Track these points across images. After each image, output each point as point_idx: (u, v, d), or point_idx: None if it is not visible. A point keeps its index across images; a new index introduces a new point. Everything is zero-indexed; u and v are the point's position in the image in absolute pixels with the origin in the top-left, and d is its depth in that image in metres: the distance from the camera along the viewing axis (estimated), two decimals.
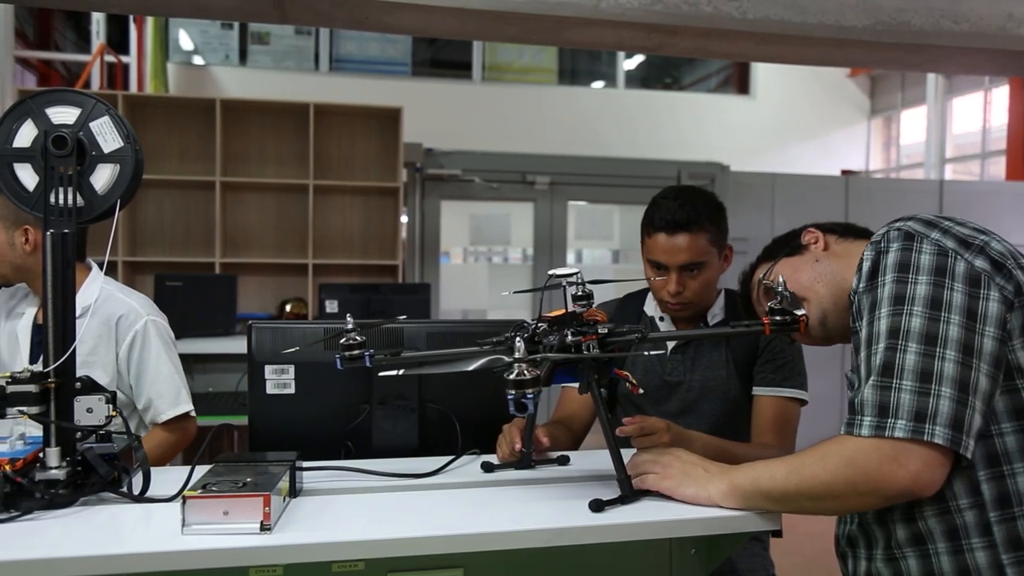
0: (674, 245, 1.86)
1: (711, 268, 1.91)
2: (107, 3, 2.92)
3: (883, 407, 1.14)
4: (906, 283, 1.19)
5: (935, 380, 1.12)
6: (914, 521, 1.23)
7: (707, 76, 9.78)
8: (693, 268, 1.88)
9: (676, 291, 1.88)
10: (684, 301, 1.90)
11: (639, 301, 2.09)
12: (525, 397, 1.17)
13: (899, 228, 1.25)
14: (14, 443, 1.31)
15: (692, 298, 1.90)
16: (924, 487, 1.14)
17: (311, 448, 1.51)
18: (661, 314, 2.02)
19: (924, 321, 1.15)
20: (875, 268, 1.24)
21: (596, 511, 1.30)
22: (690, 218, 1.85)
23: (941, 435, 1.11)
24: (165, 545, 1.14)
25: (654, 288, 1.95)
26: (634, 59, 9.28)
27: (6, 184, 1.36)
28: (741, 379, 1.93)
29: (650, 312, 2.05)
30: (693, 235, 1.86)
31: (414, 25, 2.90)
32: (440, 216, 6.74)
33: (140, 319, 2.07)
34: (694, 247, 1.86)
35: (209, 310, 4.35)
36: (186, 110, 5.51)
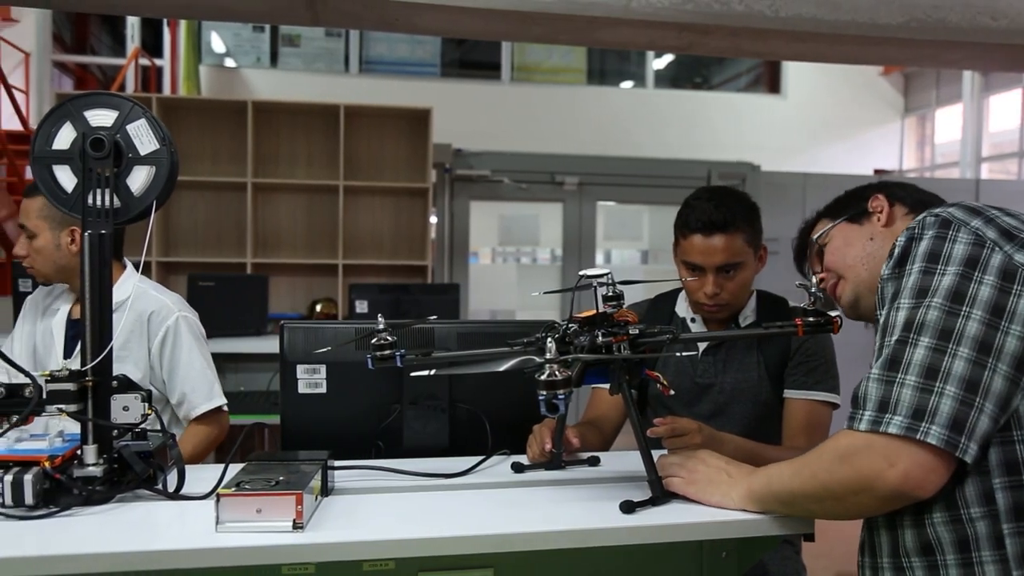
0: (711, 246, 1.85)
1: (747, 269, 1.89)
2: (142, 7, 2.95)
3: (883, 402, 1.09)
4: (933, 274, 1.13)
5: (941, 377, 1.07)
6: (923, 528, 1.15)
7: (737, 75, 9.71)
8: (730, 269, 1.87)
9: (713, 292, 1.87)
10: (721, 303, 1.89)
11: (670, 302, 2.08)
12: (556, 398, 1.17)
13: (937, 214, 1.19)
14: (53, 440, 1.34)
15: (729, 299, 1.89)
16: (915, 488, 1.08)
17: (342, 447, 1.52)
18: (692, 315, 2.01)
19: (941, 314, 1.10)
20: (905, 255, 1.18)
21: (627, 512, 1.30)
22: (727, 219, 1.84)
23: (936, 435, 1.04)
24: (199, 542, 1.16)
25: (689, 290, 1.94)
26: (663, 59, 9.24)
27: (46, 185, 1.39)
28: (773, 381, 1.91)
29: (681, 313, 2.04)
30: (730, 236, 1.84)
31: (442, 26, 2.90)
32: (469, 216, 6.75)
33: (172, 315, 2.10)
34: (731, 248, 1.85)
35: (241, 310, 4.39)
36: (218, 112, 5.57)
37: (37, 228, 2.05)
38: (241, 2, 2.67)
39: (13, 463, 1.27)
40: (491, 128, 7.63)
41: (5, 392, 1.32)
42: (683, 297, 2.05)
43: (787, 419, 1.89)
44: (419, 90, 7.74)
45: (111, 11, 3.69)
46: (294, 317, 5.43)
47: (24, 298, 2.32)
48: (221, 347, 2.25)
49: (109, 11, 3.78)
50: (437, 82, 8.39)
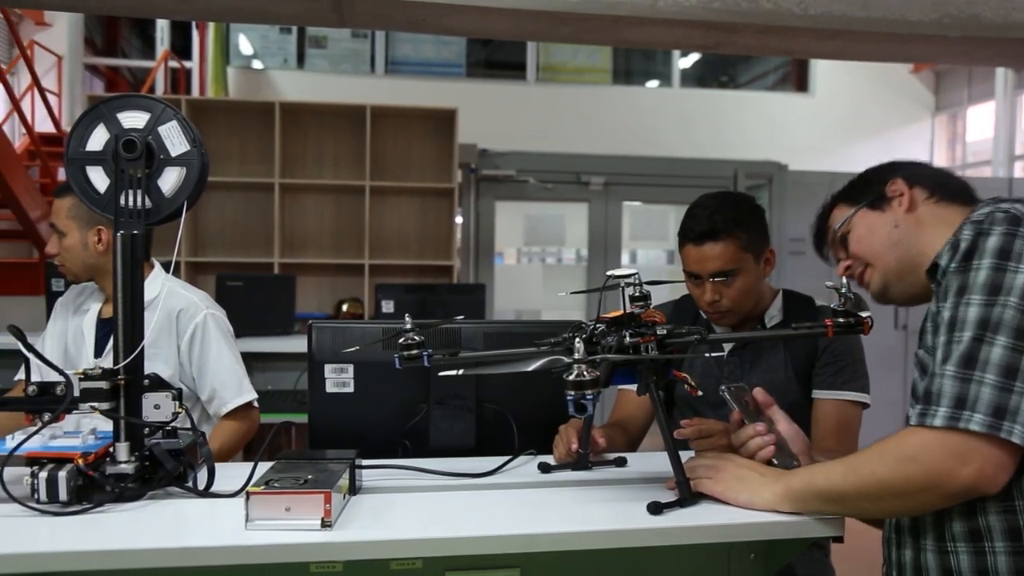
0: (702, 255, 1.84)
1: (746, 274, 1.86)
2: (174, 10, 2.99)
3: (960, 399, 1.09)
4: (1004, 271, 1.12)
5: (1021, 376, 1.07)
6: (974, 516, 1.17)
7: (764, 74, 9.63)
8: (725, 276, 1.84)
9: (711, 300, 1.85)
10: (722, 309, 1.87)
11: (695, 302, 2.07)
12: (584, 398, 1.17)
13: (1006, 211, 1.17)
14: (86, 437, 1.35)
15: (730, 306, 1.87)
16: (988, 486, 1.09)
17: (369, 446, 1.53)
18: None
19: (1017, 314, 1.09)
20: (972, 249, 1.16)
21: (654, 514, 1.29)
22: (715, 227, 1.82)
23: (1020, 434, 1.06)
24: (229, 539, 1.17)
25: (695, 297, 1.93)
26: (689, 58, 9.19)
27: (79, 186, 1.41)
28: (800, 382, 1.89)
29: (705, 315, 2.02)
30: (721, 243, 1.82)
31: (470, 26, 2.91)
32: (494, 217, 6.77)
33: (200, 312, 2.12)
34: (723, 255, 1.82)
35: (268, 310, 4.42)
36: (246, 113, 5.62)
37: (66, 227, 2.09)
38: (271, 5, 2.69)
39: (47, 460, 1.29)
40: (516, 128, 7.63)
41: (37, 390, 1.34)
42: None
43: (816, 420, 1.87)
44: (445, 90, 7.76)
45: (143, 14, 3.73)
46: (320, 317, 5.46)
47: (57, 297, 2.36)
48: (249, 346, 2.27)
49: (141, 14, 3.82)
50: (463, 82, 8.41)
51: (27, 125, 6.53)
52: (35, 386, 1.34)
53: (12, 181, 5.34)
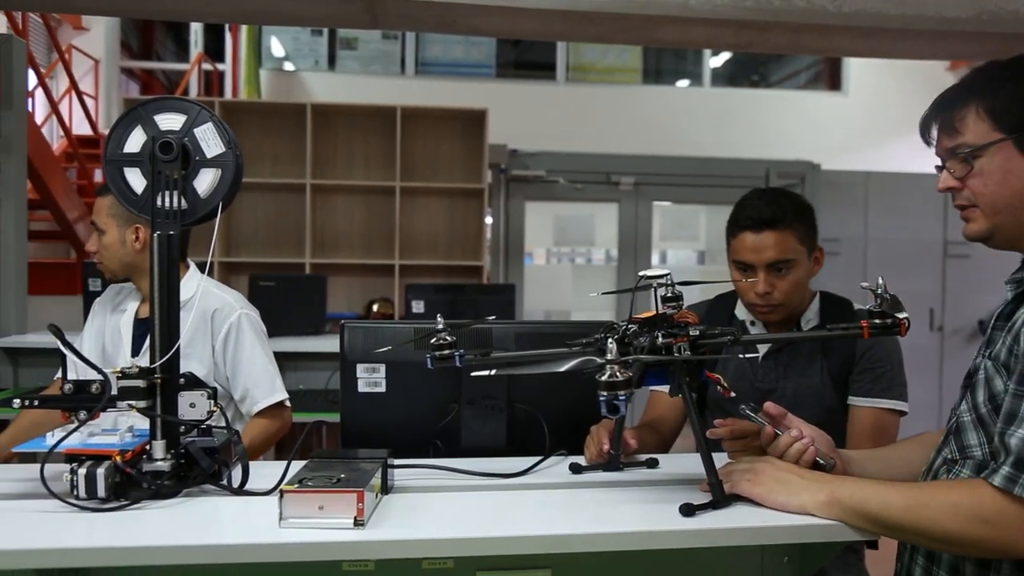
0: (761, 242, 1.81)
1: (800, 268, 1.84)
2: (209, 13, 3.02)
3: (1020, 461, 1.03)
4: None
5: None
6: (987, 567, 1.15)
7: (796, 72, 9.54)
8: (781, 267, 1.82)
9: (764, 291, 1.82)
10: (773, 303, 1.85)
11: (730, 303, 2.05)
12: (617, 399, 1.17)
13: None
14: (123, 435, 1.37)
15: (782, 299, 1.84)
16: None
17: (401, 446, 1.53)
18: (752, 318, 1.97)
19: None
20: None
21: (686, 515, 1.28)
22: (776, 215, 1.81)
23: None
24: (263, 537, 1.18)
25: (741, 290, 1.90)
26: (720, 57, 9.12)
27: (116, 187, 1.43)
28: (837, 387, 1.87)
29: (741, 315, 2.00)
30: (780, 232, 1.81)
31: (501, 27, 2.92)
32: (524, 217, 6.77)
33: (234, 312, 2.15)
34: (781, 244, 1.81)
35: (300, 309, 4.45)
36: (278, 115, 5.67)
37: (105, 225, 2.12)
38: (304, 7, 2.71)
39: (86, 457, 1.31)
40: (546, 128, 7.62)
41: (74, 388, 1.36)
42: None
43: (852, 427, 1.85)
44: (474, 91, 7.77)
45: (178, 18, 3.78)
46: (351, 317, 5.50)
47: (94, 297, 2.40)
48: (280, 346, 2.29)
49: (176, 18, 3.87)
50: (492, 83, 8.41)
51: (65, 128, 6.64)
52: (71, 384, 1.36)
53: (51, 183, 5.44)
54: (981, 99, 1.18)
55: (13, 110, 4.00)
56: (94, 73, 8.21)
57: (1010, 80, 1.17)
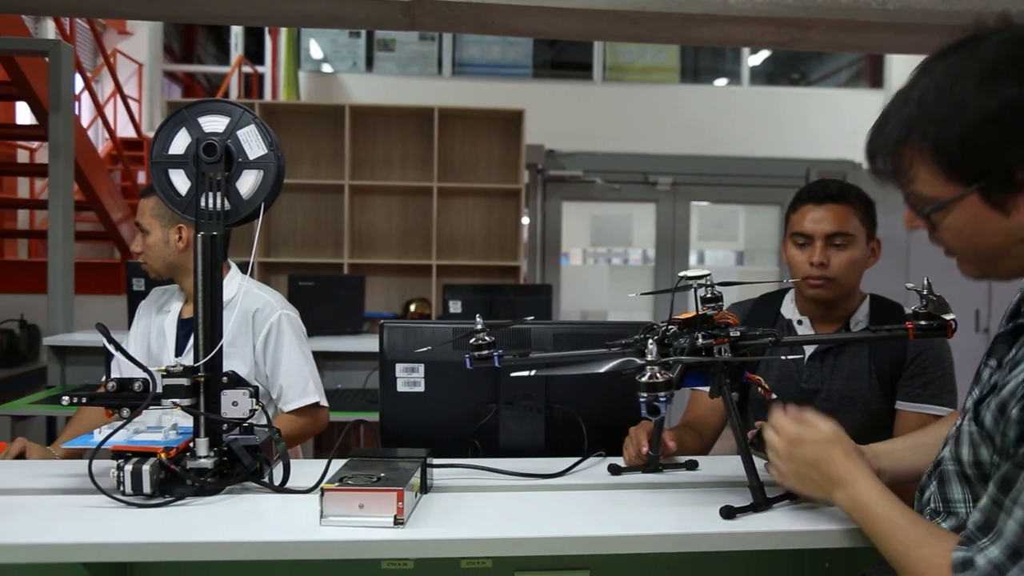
0: (822, 214, 1.82)
1: (857, 248, 1.82)
2: (249, 17, 3.06)
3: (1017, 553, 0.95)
4: None
5: None
6: None
7: (837, 70, 9.41)
8: (839, 241, 1.81)
9: (820, 262, 1.80)
10: (828, 276, 1.81)
11: (776, 302, 2.01)
12: (657, 400, 1.16)
13: None
14: (168, 432, 1.40)
15: (836, 274, 1.81)
16: None
17: (439, 446, 1.54)
18: (800, 317, 1.94)
19: None
20: None
21: (727, 518, 1.27)
22: (841, 191, 1.83)
23: None
24: (305, 535, 1.19)
25: (795, 265, 1.86)
26: (759, 55, 9.03)
27: (161, 188, 1.45)
28: (884, 391, 1.83)
29: (787, 315, 1.97)
30: (842, 206, 1.82)
31: (539, 27, 2.91)
32: (561, 217, 6.76)
33: (275, 313, 2.17)
34: (843, 216, 1.81)
35: (338, 309, 4.48)
36: (317, 117, 5.72)
37: (150, 226, 2.16)
38: (343, 9, 2.73)
39: (132, 453, 1.34)
40: (583, 128, 7.60)
41: (116, 386, 1.38)
42: (790, 298, 1.99)
43: (899, 432, 1.81)
44: (511, 92, 7.78)
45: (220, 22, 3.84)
46: (388, 316, 5.53)
47: (137, 296, 2.44)
48: (319, 345, 2.31)
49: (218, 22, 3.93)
50: (529, 83, 8.41)
51: (110, 130, 6.77)
52: (115, 382, 1.39)
53: (96, 184, 5.54)
54: (925, 143, 1.01)
55: (61, 113, 4.09)
56: (138, 77, 8.36)
57: (953, 116, 0.99)
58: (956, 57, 1.02)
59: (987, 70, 0.98)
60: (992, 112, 0.96)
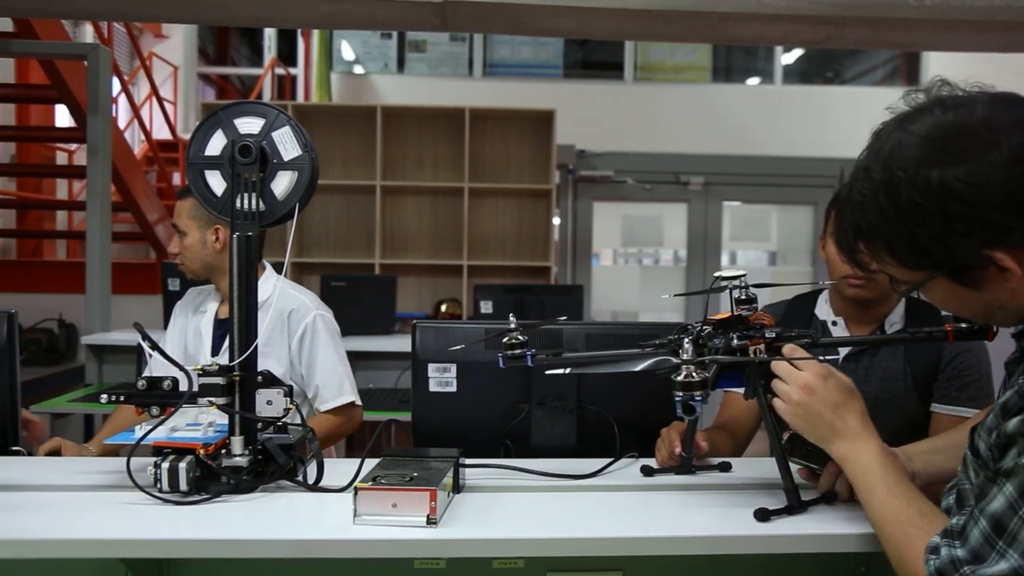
0: None
1: None
2: (283, 19, 3.09)
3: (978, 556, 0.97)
4: None
5: None
6: None
7: (872, 68, 9.28)
8: None
9: None
10: (871, 278, 1.76)
11: (810, 303, 1.99)
12: (693, 399, 1.16)
13: None
14: (206, 430, 1.41)
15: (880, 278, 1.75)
16: None
17: (471, 445, 1.54)
18: (834, 318, 1.91)
19: None
20: None
21: (761, 520, 1.26)
22: None
23: None
24: (338, 533, 1.20)
25: (836, 263, 1.80)
26: (792, 53, 8.93)
27: (197, 189, 1.47)
28: (919, 393, 1.80)
29: (822, 316, 1.94)
30: None
31: (572, 27, 2.90)
32: (592, 217, 6.74)
33: (310, 313, 2.19)
34: None
35: (370, 309, 4.50)
36: (349, 118, 5.76)
37: (187, 227, 2.18)
38: (376, 10, 2.75)
39: (171, 450, 1.35)
40: (614, 128, 7.58)
41: (147, 384, 1.40)
42: (824, 299, 1.96)
43: (934, 434, 1.78)
44: (542, 92, 7.77)
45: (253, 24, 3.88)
46: (420, 316, 5.55)
47: (173, 296, 2.47)
48: (351, 345, 2.32)
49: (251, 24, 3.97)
50: (560, 83, 8.40)
51: (146, 132, 6.86)
52: (144, 380, 1.41)
53: (133, 186, 5.63)
54: (875, 243, 1.05)
55: (99, 116, 4.16)
56: (173, 79, 8.46)
57: (894, 220, 1.00)
58: (886, 153, 1.02)
59: (913, 165, 0.98)
60: (928, 210, 0.97)
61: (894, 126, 1.04)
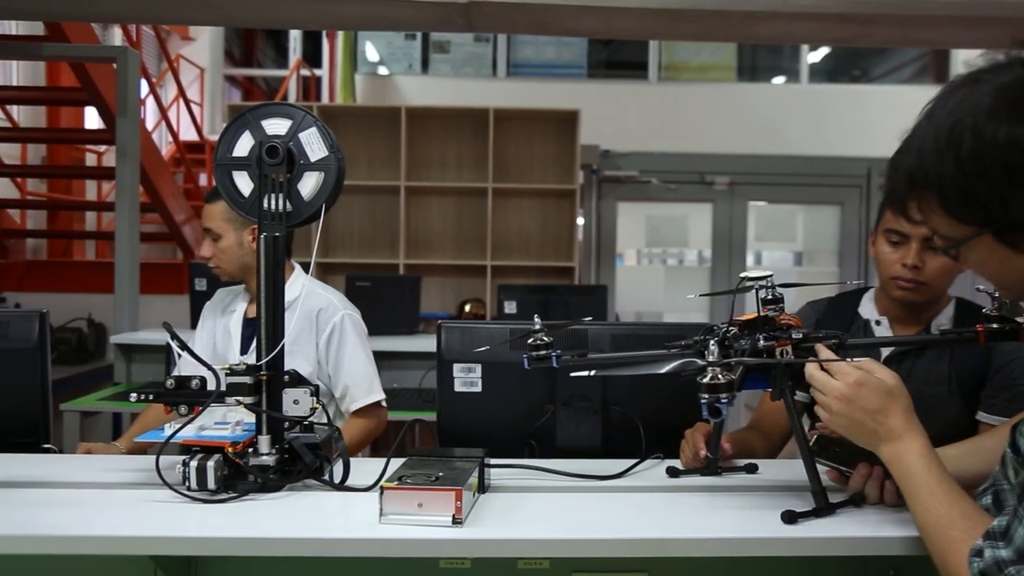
0: None
1: None
2: (308, 21, 3.11)
3: None
4: None
5: None
6: None
7: (900, 66, 9.17)
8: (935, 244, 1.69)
9: (914, 264, 1.68)
10: (920, 279, 1.70)
11: (854, 301, 1.90)
12: (719, 401, 1.15)
13: None
14: (234, 428, 1.43)
15: (929, 278, 1.69)
16: None
17: (496, 445, 1.54)
18: (878, 317, 1.83)
19: None
20: None
21: (788, 523, 1.25)
22: None
23: None
24: (364, 532, 1.20)
25: (885, 263, 1.74)
26: (818, 52, 8.86)
27: (226, 190, 1.48)
28: (964, 400, 1.72)
29: (865, 314, 1.86)
30: None
31: (595, 27, 2.90)
32: (616, 218, 6.72)
33: (338, 312, 2.20)
34: None
35: (395, 309, 4.51)
36: (373, 119, 5.78)
37: (222, 230, 2.19)
38: (401, 11, 2.76)
39: (199, 448, 1.37)
40: (639, 128, 7.55)
41: (175, 384, 1.41)
42: (869, 297, 1.88)
43: None
44: (566, 92, 7.76)
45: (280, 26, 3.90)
46: (444, 317, 5.56)
47: (200, 297, 2.49)
48: (375, 345, 2.33)
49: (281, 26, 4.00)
50: (584, 83, 8.38)
51: (173, 133, 6.94)
52: (173, 380, 1.42)
53: (160, 187, 5.69)
54: (928, 193, 1.03)
55: (128, 117, 4.21)
56: (200, 81, 8.55)
57: (952, 167, 0.98)
58: (955, 101, 1.01)
59: (984, 114, 0.96)
60: (990, 161, 0.95)
61: (968, 78, 1.02)
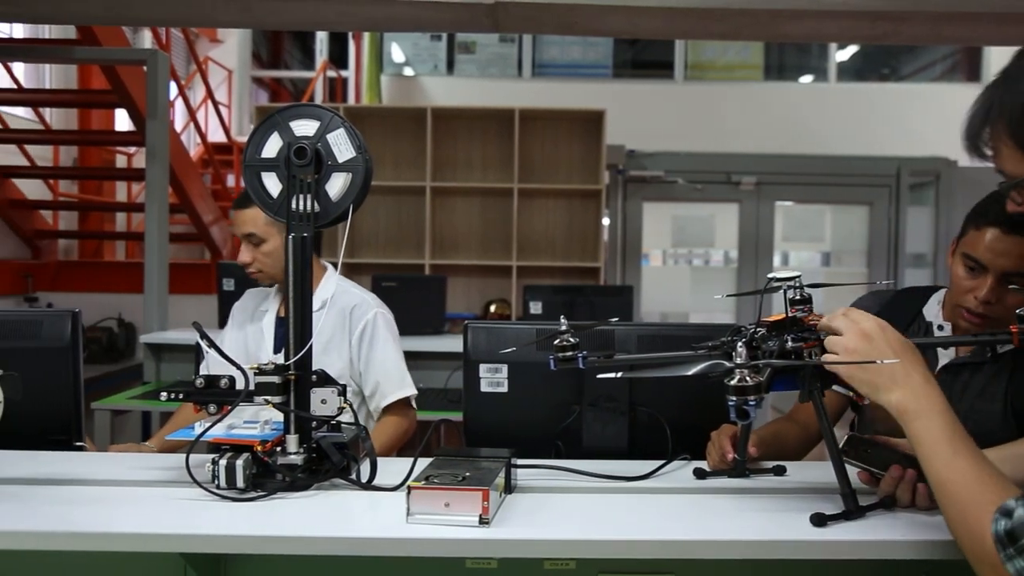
0: (1007, 246, 1.53)
1: None
2: (336, 22, 3.13)
3: None
4: None
5: None
6: None
7: (931, 64, 9.07)
8: (1016, 282, 1.54)
9: (987, 300, 1.56)
10: (990, 314, 1.58)
11: (919, 299, 1.80)
12: (747, 403, 1.14)
13: None
14: (263, 427, 1.44)
15: (1000, 315, 1.56)
16: None
17: (522, 446, 1.54)
18: (942, 322, 1.73)
19: None
20: None
21: (817, 525, 1.24)
22: None
23: None
24: (392, 532, 1.21)
25: (960, 290, 1.62)
26: (847, 50, 8.77)
27: (254, 191, 1.49)
28: (1019, 419, 1.61)
29: (929, 316, 1.76)
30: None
31: (622, 27, 2.89)
32: (642, 218, 6.70)
33: (370, 310, 2.23)
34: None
35: (420, 309, 4.53)
36: (399, 119, 5.81)
37: (266, 234, 2.19)
38: (428, 12, 2.76)
39: (228, 447, 1.38)
40: (665, 128, 7.52)
41: (204, 383, 1.43)
42: (937, 299, 1.78)
43: None
44: (592, 92, 7.75)
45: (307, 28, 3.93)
46: (469, 317, 5.57)
47: (228, 296, 2.50)
48: (402, 345, 2.35)
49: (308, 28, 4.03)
50: (610, 83, 8.37)
51: (201, 135, 7.01)
52: (202, 379, 1.43)
53: (189, 187, 5.75)
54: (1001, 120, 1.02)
55: (157, 120, 4.25)
56: (227, 83, 8.63)
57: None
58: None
59: None
60: None
61: None
